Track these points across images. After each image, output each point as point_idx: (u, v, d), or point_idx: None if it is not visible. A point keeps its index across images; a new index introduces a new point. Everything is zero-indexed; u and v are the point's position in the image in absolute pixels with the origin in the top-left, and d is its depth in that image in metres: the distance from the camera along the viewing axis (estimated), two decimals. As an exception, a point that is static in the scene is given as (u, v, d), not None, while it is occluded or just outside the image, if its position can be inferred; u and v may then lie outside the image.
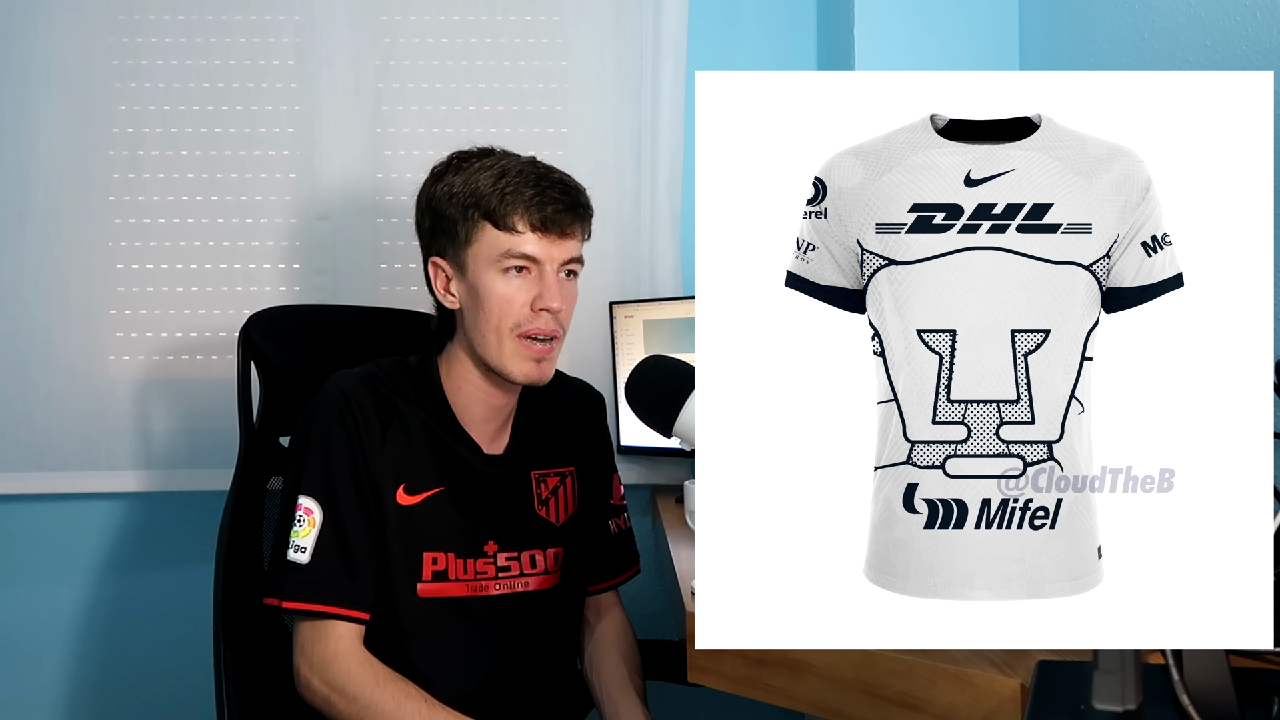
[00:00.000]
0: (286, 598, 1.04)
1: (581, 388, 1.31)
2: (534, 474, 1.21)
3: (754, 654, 0.87)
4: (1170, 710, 0.58)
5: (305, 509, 1.06)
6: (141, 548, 1.84)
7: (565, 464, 1.25)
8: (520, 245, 1.08)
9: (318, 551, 1.05)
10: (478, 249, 1.10)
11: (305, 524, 1.06)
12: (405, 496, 1.11)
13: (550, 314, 1.10)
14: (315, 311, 1.50)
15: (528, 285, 1.10)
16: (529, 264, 1.09)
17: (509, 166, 1.11)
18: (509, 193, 1.08)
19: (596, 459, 1.29)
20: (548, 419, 1.24)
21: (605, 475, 1.30)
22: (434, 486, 1.13)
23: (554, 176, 1.12)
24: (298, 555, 1.05)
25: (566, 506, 1.23)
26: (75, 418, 1.78)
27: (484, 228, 1.09)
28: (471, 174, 1.11)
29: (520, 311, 1.09)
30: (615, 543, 1.29)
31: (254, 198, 1.85)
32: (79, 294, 1.80)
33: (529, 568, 1.18)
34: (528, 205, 1.08)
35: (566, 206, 1.10)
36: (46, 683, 1.85)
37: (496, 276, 1.09)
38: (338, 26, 1.84)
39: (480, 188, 1.09)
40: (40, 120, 1.79)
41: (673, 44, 1.81)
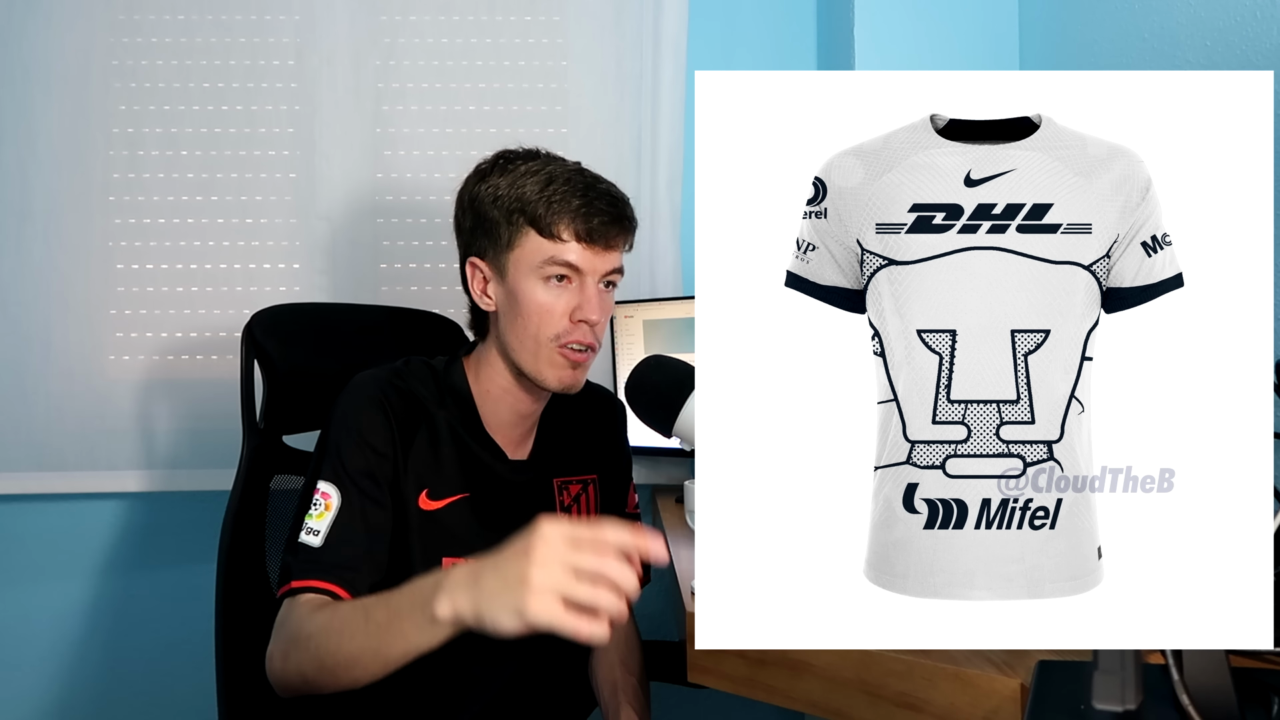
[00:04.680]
0: (295, 578, 1.00)
1: (602, 394, 1.30)
2: (556, 481, 1.21)
3: (754, 654, 0.87)
4: (1170, 710, 0.58)
5: (323, 493, 1.04)
6: (143, 548, 1.85)
7: (588, 472, 1.24)
8: (564, 254, 1.07)
9: (331, 536, 1.02)
10: (520, 254, 1.08)
11: (321, 508, 1.03)
12: (428, 502, 1.10)
13: (589, 325, 1.09)
14: (319, 310, 1.49)
15: (568, 295, 1.08)
16: (571, 273, 1.08)
17: (556, 173, 1.08)
18: (556, 200, 1.06)
19: (616, 467, 1.28)
20: (570, 425, 1.24)
21: (623, 484, 1.29)
22: (458, 493, 1.12)
23: (601, 187, 1.10)
24: (310, 538, 1.02)
25: (589, 514, 1.23)
26: (76, 418, 1.78)
27: (528, 233, 1.07)
28: (518, 177, 1.09)
29: (560, 323, 1.08)
30: None
31: (254, 198, 1.85)
32: (79, 294, 1.80)
33: None
34: (574, 215, 1.06)
35: (613, 219, 1.09)
36: (47, 683, 1.85)
37: (538, 284, 1.08)
38: (338, 26, 1.84)
39: (527, 193, 1.07)
40: (40, 120, 1.79)
41: (673, 44, 1.82)
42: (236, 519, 1.20)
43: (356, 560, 1.02)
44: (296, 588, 0.99)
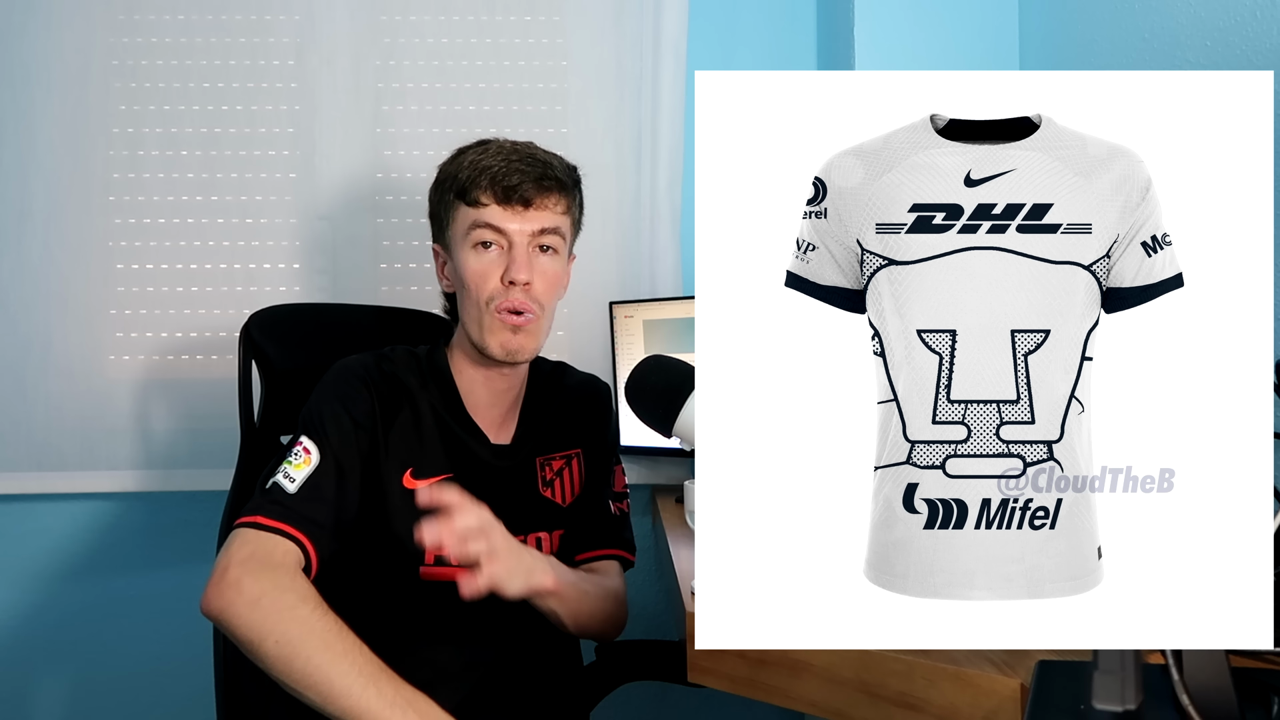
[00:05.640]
0: (264, 515, 1.00)
1: (588, 379, 1.32)
2: (539, 460, 1.22)
3: (754, 654, 0.87)
4: (1170, 710, 0.58)
5: (305, 448, 1.05)
6: (142, 548, 1.85)
7: (570, 447, 1.25)
8: (484, 217, 1.10)
9: (306, 488, 1.02)
10: (454, 229, 1.13)
11: (301, 459, 1.04)
12: (412, 480, 1.11)
13: (520, 288, 1.10)
14: (316, 310, 1.50)
15: (498, 259, 1.11)
16: (497, 238, 1.10)
17: (489, 147, 1.13)
18: (477, 169, 1.10)
19: (601, 446, 1.29)
20: (555, 408, 1.25)
21: (608, 463, 1.29)
22: (442, 473, 1.13)
23: (525, 151, 1.13)
24: (286, 482, 1.02)
25: (573, 488, 1.23)
26: (75, 418, 1.78)
27: (457, 206, 1.12)
28: (457, 160, 1.14)
29: (493, 286, 1.10)
30: (614, 521, 1.27)
31: (254, 198, 1.85)
32: (79, 294, 1.80)
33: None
34: (491, 178, 1.09)
35: (531, 178, 1.10)
36: (47, 682, 1.85)
37: (469, 252, 1.11)
38: (338, 26, 1.84)
39: (458, 170, 1.12)
40: (40, 120, 1.79)
41: (673, 44, 1.81)
42: (234, 519, 1.19)
43: (325, 519, 1.02)
44: (264, 524, 0.99)
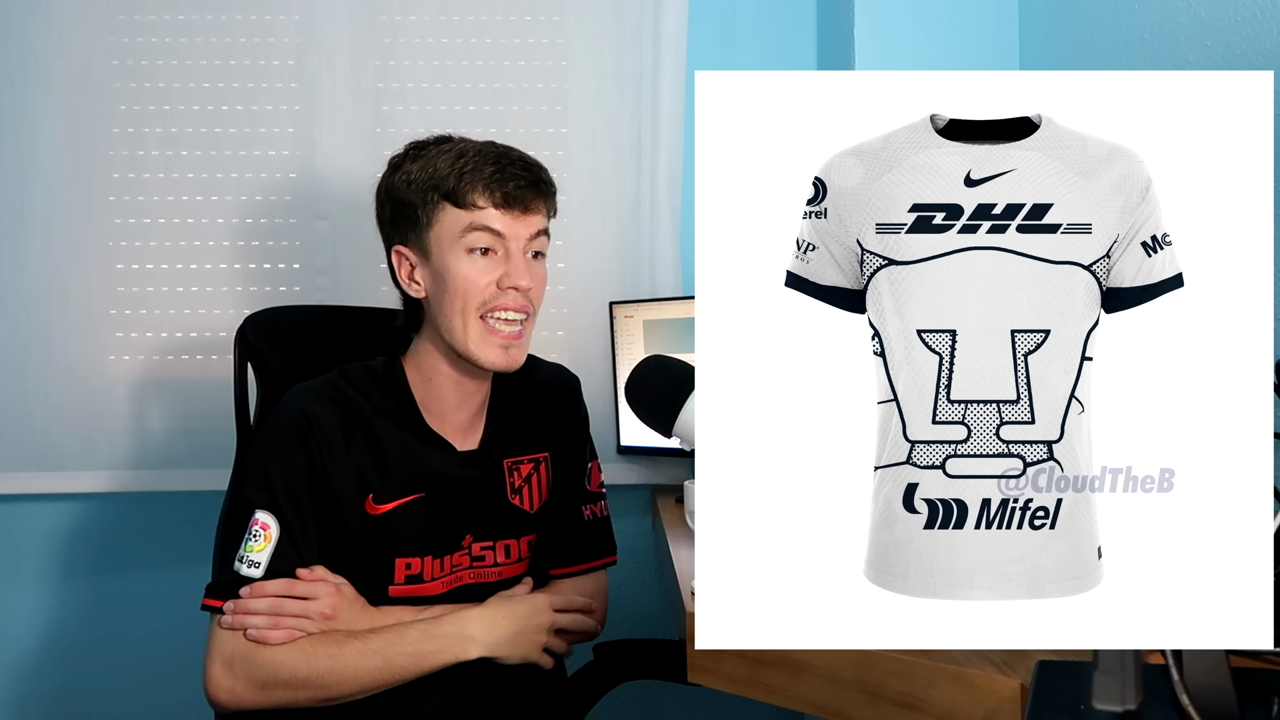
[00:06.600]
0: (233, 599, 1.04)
1: (556, 371, 1.29)
2: (507, 463, 1.20)
3: (754, 654, 0.87)
4: (1170, 710, 0.58)
5: (262, 524, 1.06)
6: (140, 547, 1.84)
7: (538, 450, 1.23)
8: (483, 220, 1.08)
9: (271, 567, 1.04)
10: (440, 231, 1.09)
11: (261, 539, 1.05)
12: (375, 506, 1.11)
13: (519, 292, 1.09)
14: (311, 312, 1.50)
15: (493, 265, 1.09)
16: (494, 243, 1.09)
17: (466, 149, 1.11)
18: (468, 171, 1.08)
19: (571, 444, 1.26)
20: (522, 406, 1.23)
21: (580, 461, 1.27)
22: (406, 494, 1.12)
23: (513, 154, 1.12)
24: (251, 570, 1.04)
25: (540, 493, 1.22)
26: (75, 418, 1.78)
27: (445, 208, 1.09)
28: (429, 159, 1.10)
29: (485, 290, 1.09)
30: (587, 529, 1.25)
31: (254, 198, 1.85)
32: (79, 294, 1.80)
33: (503, 558, 1.18)
34: (488, 182, 1.08)
35: (529, 183, 1.09)
36: (46, 682, 1.85)
37: (461, 256, 1.09)
38: (338, 26, 1.84)
39: (439, 170, 1.09)
40: (40, 120, 1.79)
41: (673, 44, 1.82)
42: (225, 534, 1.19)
43: (291, 573, 1.06)
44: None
